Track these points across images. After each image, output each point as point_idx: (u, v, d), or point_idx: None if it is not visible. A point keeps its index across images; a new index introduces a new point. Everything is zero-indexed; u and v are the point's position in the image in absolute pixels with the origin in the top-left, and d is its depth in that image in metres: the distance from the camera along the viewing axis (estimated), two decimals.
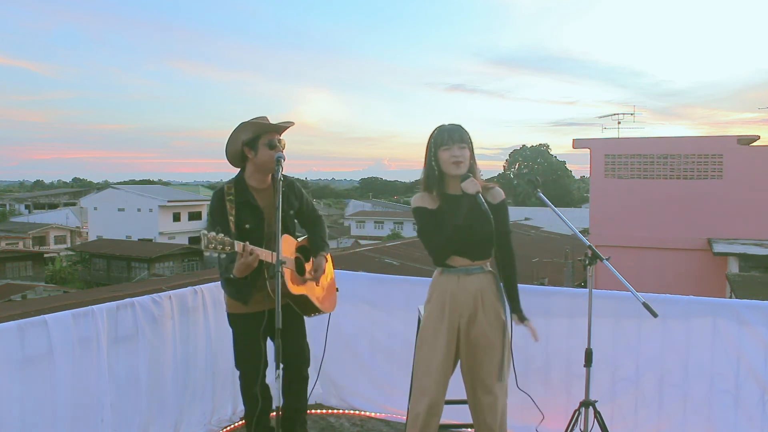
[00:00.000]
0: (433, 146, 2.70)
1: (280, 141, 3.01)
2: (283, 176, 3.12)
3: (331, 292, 3.34)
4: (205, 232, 2.62)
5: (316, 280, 3.14)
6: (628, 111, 14.83)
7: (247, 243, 2.75)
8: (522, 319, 2.80)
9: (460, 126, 2.72)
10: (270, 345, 3.03)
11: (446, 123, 2.74)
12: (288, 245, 3.04)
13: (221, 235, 2.64)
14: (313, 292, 3.12)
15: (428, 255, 2.79)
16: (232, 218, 2.92)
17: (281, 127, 3.04)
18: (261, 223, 2.98)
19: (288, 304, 3.04)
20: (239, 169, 3.09)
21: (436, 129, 2.73)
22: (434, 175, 2.70)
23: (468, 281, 2.71)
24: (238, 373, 3.19)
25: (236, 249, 2.69)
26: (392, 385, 3.90)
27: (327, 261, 3.22)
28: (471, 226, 2.62)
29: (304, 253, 3.21)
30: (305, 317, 3.20)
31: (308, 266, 3.19)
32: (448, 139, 2.66)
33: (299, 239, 3.22)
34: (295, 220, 3.22)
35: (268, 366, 3.10)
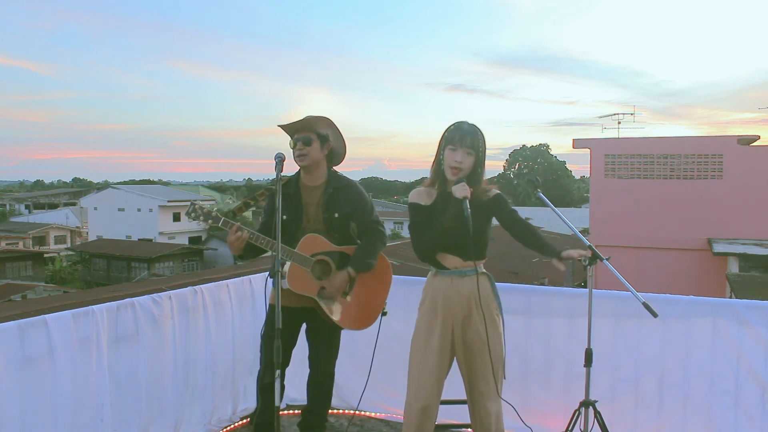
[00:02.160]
0: (444, 142, 2.69)
1: (305, 138, 2.99)
2: (342, 178, 3.15)
3: (366, 310, 3.17)
4: (194, 201, 2.89)
5: (333, 295, 3.05)
6: (628, 111, 14.89)
7: (239, 224, 2.84)
8: (561, 258, 2.60)
9: (476, 130, 2.68)
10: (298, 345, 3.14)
11: (466, 122, 2.71)
12: (311, 244, 3.01)
13: (212, 209, 2.82)
14: (329, 299, 3.05)
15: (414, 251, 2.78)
16: (250, 202, 3.04)
17: (291, 125, 3.04)
18: (298, 218, 3.03)
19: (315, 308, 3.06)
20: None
21: (452, 125, 2.71)
22: (440, 171, 2.70)
23: (461, 283, 2.70)
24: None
25: (219, 224, 2.83)
26: (392, 385, 3.90)
27: (351, 278, 3.06)
28: (457, 228, 2.61)
29: (340, 259, 3.08)
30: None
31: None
32: (458, 141, 2.65)
33: (345, 246, 3.10)
34: (352, 225, 3.14)
35: (289, 365, 3.14)
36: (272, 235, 2.74)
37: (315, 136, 3.01)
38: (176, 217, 51.22)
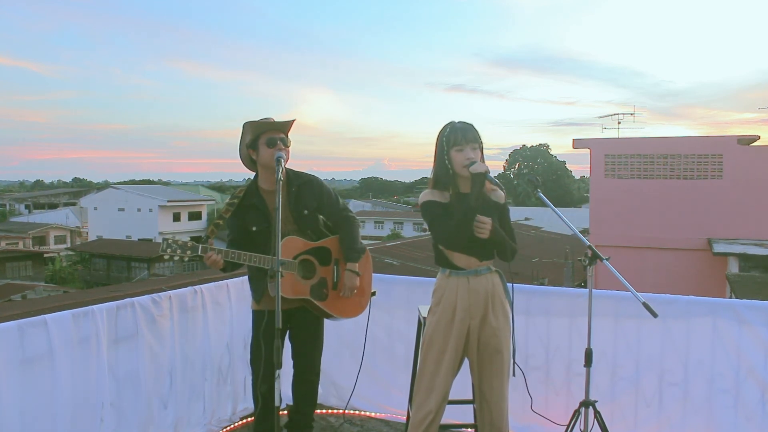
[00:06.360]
0: (445, 145, 2.67)
1: (283, 139, 2.99)
2: (301, 174, 3.14)
3: (358, 295, 3.16)
4: (166, 237, 2.85)
5: (348, 295, 3.09)
6: (628, 111, 14.87)
7: (210, 244, 2.84)
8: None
9: (472, 125, 2.70)
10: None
11: (456, 121, 2.72)
12: (291, 247, 2.99)
13: (182, 240, 2.78)
14: (321, 296, 3.06)
15: (436, 250, 2.75)
16: (220, 222, 3.01)
17: (277, 125, 3.01)
18: (269, 225, 2.96)
19: (303, 307, 3.06)
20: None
21: (447, 127, 2.70)
22: (447, 174, 2.67)
23: (478, 282, 2.70)
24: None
25: (198, 253, 2.81)
26: (392, 385, 3.90)
27: (357, 274, 3.09)
28: (483, 210, 2.62)
29: (320, 254, 3.08)
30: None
31: (321, 270, 3.09)
32: (462, 139, 2.64)
33: (322, 240, 3.10)
34: (321, 218, 3.16)
35: (282, 367, 3.13)
36: (244, 250, 2.89)
37: (287, 138, 3.04)
38: (176, 217, 51.28)
